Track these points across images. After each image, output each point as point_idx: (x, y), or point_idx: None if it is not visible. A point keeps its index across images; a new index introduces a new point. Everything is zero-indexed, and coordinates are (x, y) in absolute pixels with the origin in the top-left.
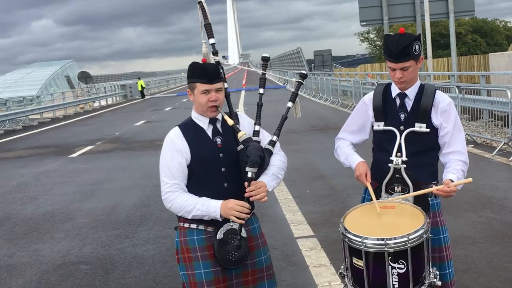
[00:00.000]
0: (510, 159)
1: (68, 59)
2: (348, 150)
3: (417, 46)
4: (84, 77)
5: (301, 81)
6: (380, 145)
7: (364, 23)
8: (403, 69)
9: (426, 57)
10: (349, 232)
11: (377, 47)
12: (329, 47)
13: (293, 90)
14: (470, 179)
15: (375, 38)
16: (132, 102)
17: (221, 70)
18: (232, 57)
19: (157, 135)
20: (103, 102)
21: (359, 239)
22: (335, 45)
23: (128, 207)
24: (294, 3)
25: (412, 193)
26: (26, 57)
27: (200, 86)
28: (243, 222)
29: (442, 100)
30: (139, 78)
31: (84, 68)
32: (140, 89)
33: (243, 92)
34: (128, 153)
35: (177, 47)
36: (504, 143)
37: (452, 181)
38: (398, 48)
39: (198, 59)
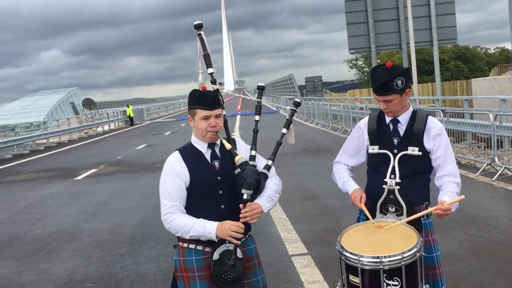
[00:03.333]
0: (493, 179)
1: (73, 86)
2: (345, 176)
3: (399, 82)
4: (88, 103)
5: (295, 108)
6: (374, 167)
7: (353, 51)
8: (386, 101)
9: (412, 83)
10: (346, 250)
11: (365, 73)
12: (320, 73)
13: (287, 117)
14: (462, 196)
15: (363, 65)
16: (133, 127)
17: (220, 97)
18: (228, 84)
19: (157, 158)
20: (106, 127)
21: (356, 257)
22: (326, 72)
23: (130, 227)
24: (287, 33)
25: (409, 218)
26: (34, 85)
27: (201, 112)
28: (238, 242)
29: (434, 125)
30: (128, 106)
31: (88, 95)
32: (127, 115)
33: (238, 117)
34: (130, 175)
35: (177, 75)
36: (487, 163)
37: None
38: (378, 83)
39: (196, 86)
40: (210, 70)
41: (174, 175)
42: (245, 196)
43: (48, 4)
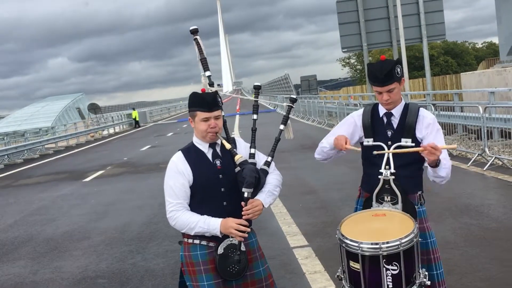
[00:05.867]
0: (484, 169)
1: (79, 92)
2: (329, 139)
3: (399, 69)
4: (94, 108)
5: (291, 105)
6: (370, 159)
7: (345, 50)
8: (389, 91)
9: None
10: (346, 238)
11: (358, 71)
12: (315, 72)
13: (284, 113)
14: (455, 145)
15: (356, 63)
16: (138, 129)
17: (219, 99)
18: (226, 85)
19: (161, 158)
20: (111, 130)
21: (356, 244)
22: (320, 70)
23: (138, 225)
24: (283, 34)
25: (401, 150)
26: (42, 92)
27: (201, 114)
28: (242, 239)
29: (426, 115)
30: (133, 109)
31: (94, 100)
32: (133, 118)
33: (237, 117)
34: (136, 176)
35: (178, 78)
36: (478, 154)
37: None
38: (383, 73)
39: (196, 88)
40: (207, 73)
41: (178, 174)
42: (245, 194)
43: (54, 14)
